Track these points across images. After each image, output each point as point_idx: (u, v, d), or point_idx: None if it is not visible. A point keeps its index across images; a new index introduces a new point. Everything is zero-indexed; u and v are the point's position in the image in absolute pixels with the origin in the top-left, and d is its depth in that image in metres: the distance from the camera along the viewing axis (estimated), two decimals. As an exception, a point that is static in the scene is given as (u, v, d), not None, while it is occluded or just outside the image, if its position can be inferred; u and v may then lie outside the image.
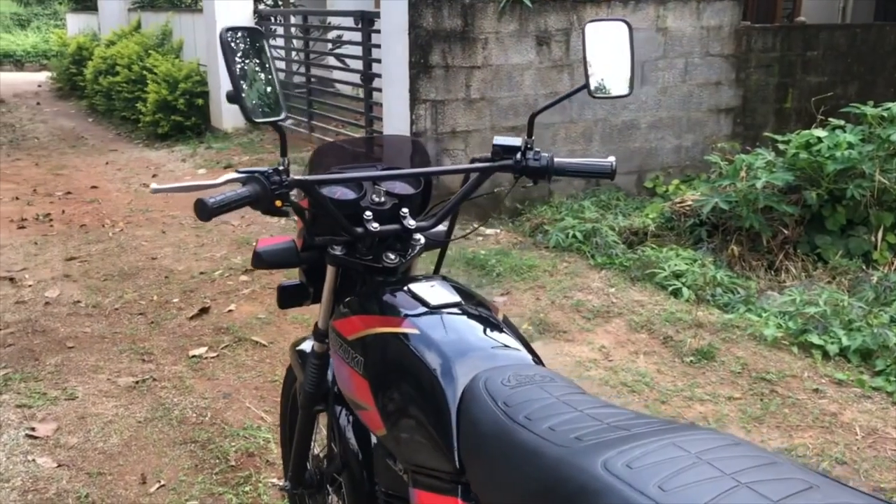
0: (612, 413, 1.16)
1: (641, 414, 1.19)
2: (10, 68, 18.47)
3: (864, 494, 0.89)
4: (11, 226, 5.80)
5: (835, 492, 0.89)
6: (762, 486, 0.89)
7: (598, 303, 4.22)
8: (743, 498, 0.88)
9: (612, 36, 1.66)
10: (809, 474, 0.93)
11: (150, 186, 1.41)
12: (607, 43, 1.66)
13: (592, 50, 1.67)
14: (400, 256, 1.67)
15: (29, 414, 3.10)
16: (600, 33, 1.66)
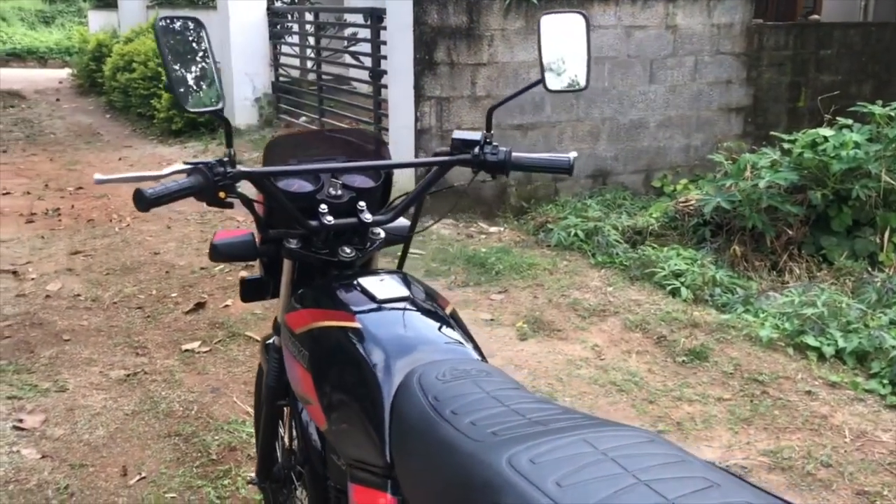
0: (538, 409, 1.15)
1: (571, 410, 1.17)
2: (34, 65, 18.68)
3: (766, 494, 0.87)
4: (20, 220, 5.87)
5: (735, 490, 0.87)
6: (661, 485, 0.88)
7: (595, 302, 4.19)
8: (638, 496, 0.86)
9: (570, 29, 1.64)
10: (717, 473, 0.91)
11: (93, 176, 1.42)
12: (564, 36, 1.64)
13: (549, 43, 1.65)
14: (356, 251, 1.66)
15: (18, 405, 3.13)
16: (557, 26, 1.65)
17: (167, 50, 1.38)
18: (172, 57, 1.40)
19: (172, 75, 1.38)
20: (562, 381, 3.36)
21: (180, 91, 1.39)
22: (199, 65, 1.45)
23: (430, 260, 4.86)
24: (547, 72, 1.71)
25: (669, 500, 0.84)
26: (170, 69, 1.38)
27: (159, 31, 1.38)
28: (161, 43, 1.37)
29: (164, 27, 1.39)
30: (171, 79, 1.38)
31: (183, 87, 1.41)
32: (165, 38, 1.39)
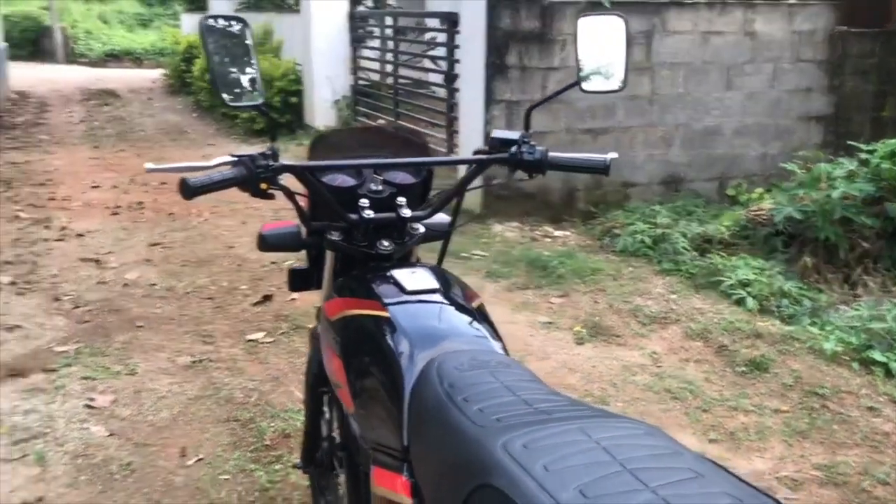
0: (547, 400, 1.18)
1: (580, 403, 1.20)
2: (130, 65, 19.51)
3: (748, 486, 0.88)
4: (106, 212, 6.15)
5: (717, 481, 0.89)
6: (645, 473, 0.90)
7: (657, 309, 4.16)
8: (620, 482, 0.89)
9: (608, 31, 1.66)
10: (705, 466, 0.93)
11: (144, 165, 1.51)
12: (602, 38, 1.66)
13: (586, 45, 1.68)
14: (394, 244, 1.71)
15: (91, 386, 3.30)
16: (595, 28, 1.67)
17: (211, 47, 1.46)
18: (216, 54, 1.48)
19: (215, 71, 1.46)
20: (615, 387, 3.35)
21: (222, 87, 1.47)
22: (241, 62, 1.52)
23: (493, 261, 4.90)
24: (583, 73, 1.72)
25: (650, 487, 0.87)
26: (213, 66, 1.46)
27: (204, 29, 1.46)
28: (206, 41, 1.45)
29: (208, 26, 1.47)
30: (213, 75, 1.46)
31: (225, 82, 1.49)
32: (210, 37, 1.47)
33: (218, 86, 1.46)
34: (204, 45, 1.45)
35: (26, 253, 5.05)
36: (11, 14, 20.57)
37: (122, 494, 2.58)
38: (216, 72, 1.47)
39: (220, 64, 1.49)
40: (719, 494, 0.87)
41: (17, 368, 3.45)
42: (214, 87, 1.46)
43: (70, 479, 2.66)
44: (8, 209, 6.19)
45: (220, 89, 1.48)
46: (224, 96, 1.49)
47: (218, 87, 1.46)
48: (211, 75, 1.46)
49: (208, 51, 1.46)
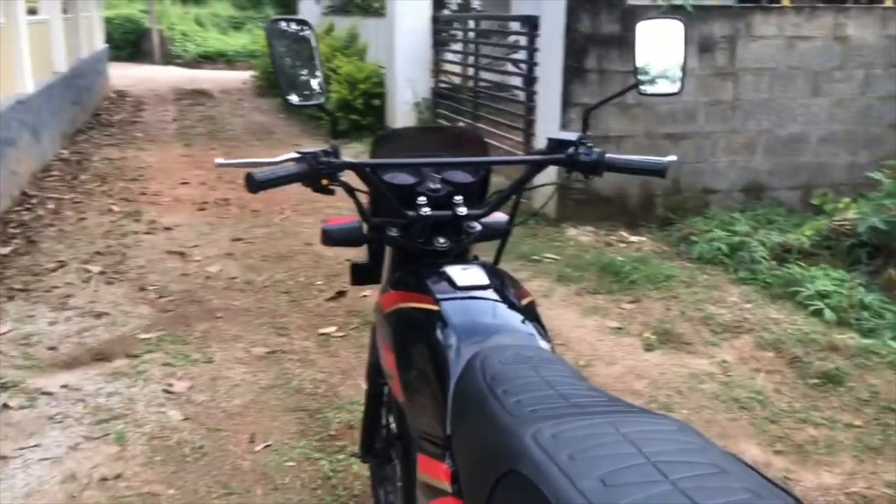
0: (585, 395, 1.20)
1: (618, 400, 1.22)
2: (223, 66, 20.15)
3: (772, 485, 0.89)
4: (193, 207, 6.40)
5: (741, 477, 0.90)
6: (668, 466, 0.92)
7: (730, 317, 4.09)
8: (641, 473, 0.91)
9: (666, 35, 1.66)
10: (731, 462, 0.94)
11: (215, 160, 1.60)
12: (661, 41, 1.67)
13: (644, 48, 1.68)
14: (451, 241, 1.75)
15: (170, 372, 3.45)
16: (654, 32, 1.67)
17: (277, 49, 1.53)
18: (281, 55, 1.56)
19: (280, 72, 1.53)
20: (681, 394, 3.32)
21: (287, 86, 1.54)
22: (304, 62, 1.59)
23: (564, 265, 4.90)
24: (641, 76, 1.73)
25: (669, 479, 0.88)
26: (278, 66, 1.53)
27: (269, 31, 1.54)
28: (271, 42, 1.53)
29: (273, 28, 1.55)
30: (278, 75, 1.53)
31: (289, 82, 1.56)
32: (276, 38, 1.54)
33: (282, 85, 1.54)
34: (270, 47, 1.53)
35: (117, 244, 5.30)
36: (114, 17, 21.53)
37: (193, 476, 2.70)
38: (281, 72, 1.54)
39: (285, 64, 1.56)
40: (739, 489, 0.88)
41: (103, 353, 3.64)
42: (279, 86, 1.54)
43: (146, 458, 2.80)
44: (102, 203, 6.50)
45: (285, 89, 1.55)
46: (288, 96, 1.56)
47: (282, 86, 1.54)
48: (276, 75, 1.53)
49: (274, 52, 1.53)
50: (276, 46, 1.54)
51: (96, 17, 13.69)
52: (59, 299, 4.27)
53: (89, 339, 3.79)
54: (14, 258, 4.92)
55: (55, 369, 3.48)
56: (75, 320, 4.00)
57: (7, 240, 5.29)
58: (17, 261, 4.87)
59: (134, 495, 2.58)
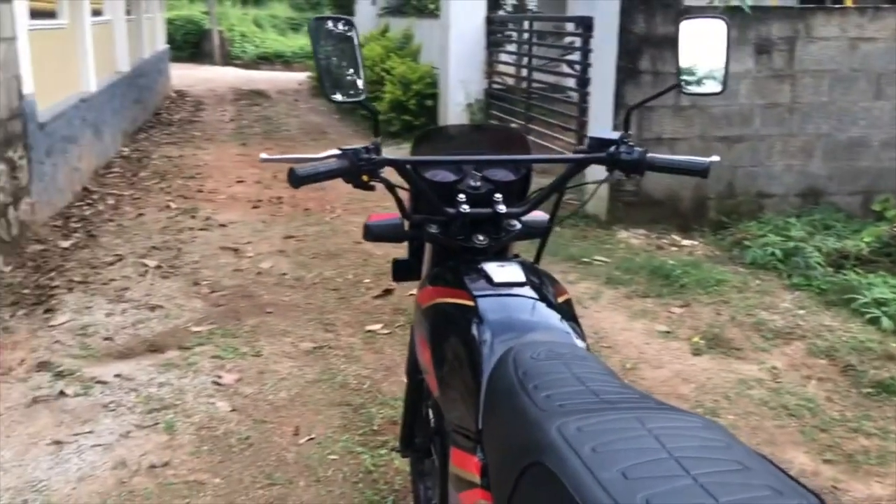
0: (615, 391, 1.20)
1: (648, 396, 1.22)
2: (280, 67, 20.45)
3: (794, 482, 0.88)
4: (248, 205, 6.52)
5: (763, 475, 0.89)
6: (690, 462, 0.91)
7: (782, 324, 4.01)
8: (662, 468, 0.90)
9: (709, 33, 1.65)
10: (756, 460, 0.93)
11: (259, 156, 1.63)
12: (704, 40, 1.65)
13: (687, 47, 1.67)
14: (490, 239, 1.76)
15: (219, 364, 3.53)
16: (697, 30, 1.66)
17: (320, 46, 1.56)
18: (324, 53, 1.59)
19: (323, 69, 1.56)
20: (728, 399, 3.27)
21: (327, 82, 1.57)
22: (346, 60, 1.62)
23: (614, 268, 4.86)
24: (684, 75, 1.72)
25: (691, 474, 0.88)
26: (321, 63, 1.56)
27: (313, 28, 1.57)
28: (314, 39, 1.56)
29: (317, 26, 1.58)
30: (321, 72, 1.56)
31: (330, 79, 1.59)
32: (318, 36, 1.57)
33: (325, 82, 1.57)
34: (313, 44, 1.56)
35: (173, 240, 5.43)
36: (175, 18, 22.02)
37: (239, 466, 2.75)
38: (323, 69, 1.57)
39: (328, 62, 1.59)
40: (760, 487, 0.87)
41: (156, 344, 3.73)
42: (321, 83, 1.57)
43: (194, 448, 2.86)
44: (160, 199, 6.66)
45: (327, 86, 1.58)
46: (330, 92, 1.59)
47: (325, 83, 1.57)
48: (318, 72, 1.56)
49: (317, 49, 1.56)
50: (319, 44, 1.57)
51: (159, 18, 14.03)
52: (116, 292, 4.39)
53: (143, 331, 3.89)
54: (74, 251, 5.07)
55: (110, 359, 3.58)
56: (131, 312, 4.11)
57: (68, 234, 5.45)
58: (77, 254, 5.02)
59: (181, 483, 2.65)
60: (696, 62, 1.70)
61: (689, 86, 1.74)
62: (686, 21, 1.68)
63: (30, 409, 3.10)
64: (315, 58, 1.57)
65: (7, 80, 4.87)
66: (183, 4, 24.70)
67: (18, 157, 5.01)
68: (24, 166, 5.10)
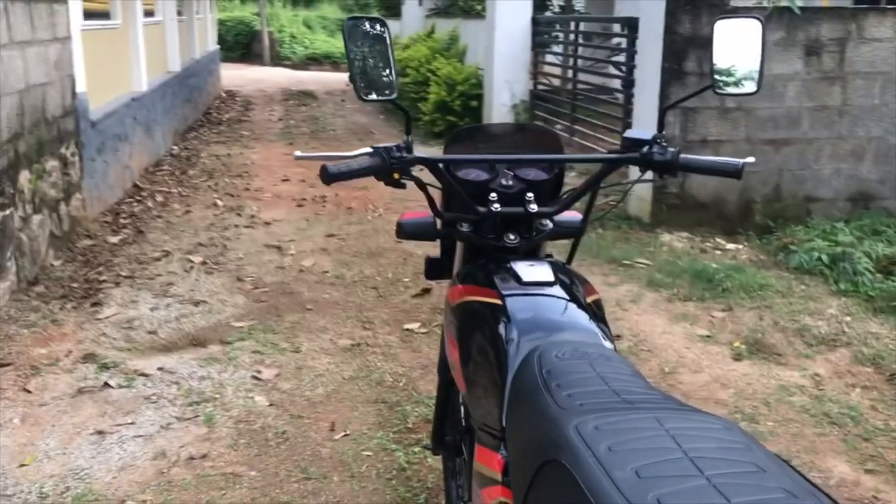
0: (638, 392, 1.19)
1: (670, 397, 1.21)
2: (328, 68, 20.65)
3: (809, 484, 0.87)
4: (292, 204, 6.60)
5: (778, 477, 0.88)
6: (705, 462, 0.91)
7: (827, 330, 3.93)
8: (676, 467, 0.90)
9: (744, 33, 1.63)
10: (772, 463, 0.92)
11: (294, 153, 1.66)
12: (738, 40, 1.63)
13: (721, 47, 1.65)
14: (521, 238, 1.76)
15: (259, 359, 3.58)
16: (731, 30, 1.64)
17: (353, 45, 1.58)
18: (357, 52, 1.61)
19: (355, 67, 1.58)
20: (768, 405, 3.22)
21: (360, 81, 1.59)
22: (379, 59, 1.64)
23: (656, 271, 4.81)
24: (718, 75, 1.70)
25: (705, 474, 0.88)
26: (353, 62, 1.58)
27: (346, 28, 1.59)
28: (348, 39, 1.58)
29: (351, 25, 1.60)
30: (353, 70, 1.58)
31: (362, 77, 1.61)
32: (352, 36, 1.59)
33: (356, 80, 1.59)
34: (346, 43, 1.58)
35: (218, 237, 5.52)
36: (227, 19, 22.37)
37: (275, 459, 2.79)
38: (356, 67, 1.59)
39: (360, 60, 1.61)
40: (774, 489, 0.86)
41: (198, 339, 3.80)
42: (353, 82, 1.59)
43: (231, 440, 2.91)
44: (208, 197, 6.78)
45: (358, 83, 1.60)
46: (362, 92, 1.61)
47: (356, 81, 1.59)
48: (350, 70, 1.58)
49: (349, 48, 1.58)
50: (352, 43, 1.59)
51: (210, 19, 14.27)
52: (161, 287, 4.48)
53: (187, 325, 3.96)
54: (123, 247, 5.19)
55: (153, 352, 3.66)
56: (175, 307, 4.19)
57: (118, 229, 5.58)
58: (125, 249, 5.14)
59: (218, 475, 2.69)
60: (731, 62, 1.68)
61: (724, 86, 1.72)
62: (721, 21, 1.66)
63: (75, 399, 3.19)
64: (348, 57, 1.59)
65: (61, 78, 5.01)
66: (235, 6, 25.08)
67: (71, 153, 5.15)
68: (75, 163, 5.24)
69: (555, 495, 0.96)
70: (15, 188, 4.17)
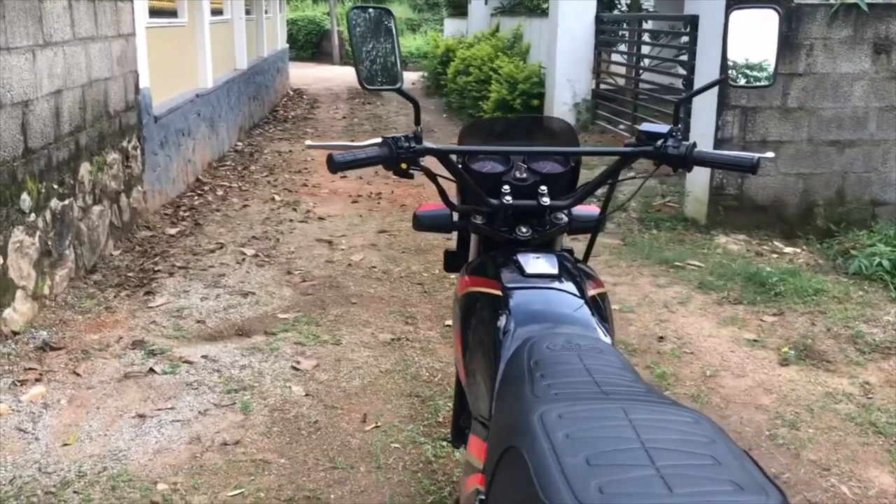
0: (621, 384, 1.17)
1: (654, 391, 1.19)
2: (396, 67, 20.79)
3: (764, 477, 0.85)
4: (347, 200, 6.68)
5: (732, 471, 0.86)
6: (661, 453, 0.89)
7: (882, 337, 3.80)
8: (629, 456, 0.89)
9: (760, 24, 1.58)
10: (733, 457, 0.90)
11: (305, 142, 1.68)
12: (754, 31, 1.59)
13: (737, 38, 1.61)
14: (534, 231, 1.75)
15: (300, 350, 3.64)
16: (747, 21, 1.60)
17: (358, 35, 1.59)
18: (361, 41, 1.62)
19: (359, 57, 1.59)
20: (811, 412, 3.12)
21: (363, 71, 1.60)
22: (383, 49, 1.64)
23: (708, 273, 4.71)
24: (734, 67, 1.66)
25: (655, 465, 0.86)
26: (357, 52, 1.59)
27: (351, 18, 1.60)
28: (352, 28, 1.59)
29: (355, 15, 1.61)
30: (357, 60, 1.59)
31: (366, 67, 1.62)
32: (357, 25, 1.60)
33: (359, 70, 1.60)
34: (351, 33, 1.59)
35: (273, 230, 5.63)
36: (298, 19, 22.74)
37: (304, 448, 2.83)
38: (360, 57, 1.60)
39: (364, 50, 1.62)
40: (723, 481, 0.84)
41: (243, 329, 3.89)
42: (357, 70, 1.60)
43: (265, 428, 2.97)
44: (267, 192, 6.92)
45: (361, 73, 1.61)
46: (364, 79, 1.62)
47: (359, 70, 1.60)
48: (354, 59, 1.59)
49: (354, 37, 1.59)
50: (356, 33, 1.60)
51: (279, 19, 14.54)
52: (213, 278, 4.59)
53: (234, 316, 4.05)
54: (180, 238, 5.34)
55: (199, 341, 3.75)
56: (224, 297, 4.29)
57: (176, 222, 5.74)
58: (182, 241, 5.28)
59: (248, 461, 2.75)
60: (748, 54, 1.64)
61: (739, 79, 1.68)
62: (736, 11, 1.62)
63: (120, 383, 3.29)
64: (352, 46, 1.60)
65: (124, 74, 5.17)
66: (306, 5, 25.48)
67: (132, 147, 5.31)
68: (137, 156, 5.40)
69: (510, 481, 0.95)
70: (75, 179, 4.33)
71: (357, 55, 1.60)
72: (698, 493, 0.83)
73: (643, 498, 0.82)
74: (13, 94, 3.63)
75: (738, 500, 0.82)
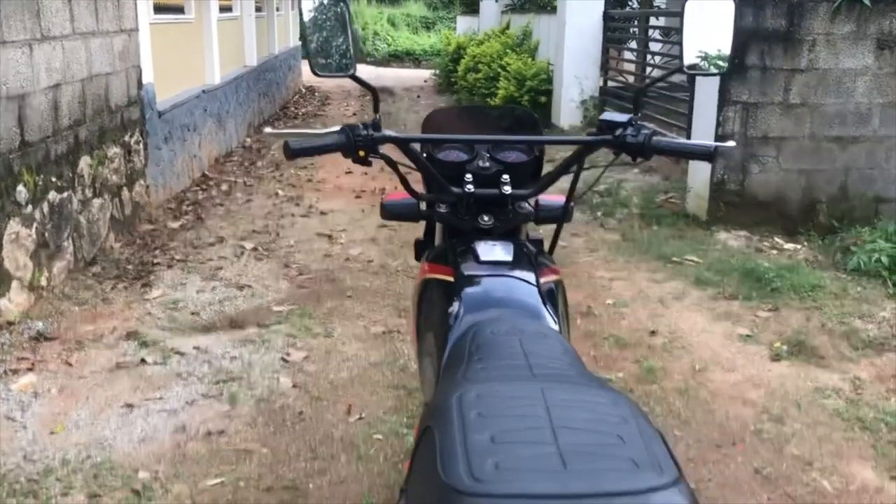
0: (555, 367, 1.18)
1: (588, 373, 1.19)
2: (409, 65, 20.83)
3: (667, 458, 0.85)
4: (351, 195, 6.70)
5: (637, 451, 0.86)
6: (566, 432, 0.89)
7: (876, 333, 3.77)
8: (534, 435, 0.89)
9: (716, 14, 1.58)
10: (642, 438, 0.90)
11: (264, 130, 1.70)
12: (709, 20, 1.59)
13: (692, 27, 1.61)
14: (496, 220, 1.75)
15: (291, 342, 3.66)
16: (703, 10, 1.59)
17: (310, 22, 1.60)
18: (314, 28, 1.63)
19: (311, 43, 1.61)
20: (798, 406, 3.11)
21: (316, 58, 1.61)
22: (337, 36, 1.65)
23: (705, 269, 4.69)
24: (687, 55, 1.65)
25: (558, 443, 0.86)
26: (309, 38, 1.60)
27: (303, 6, 1.61)
28: (304, 16, 1.60)
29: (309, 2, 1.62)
30: (308, 46, 1.60)
31: (319, 54, 1.63)
32: (310, 12, 1.62)
33: (311, 57, 1.61)
34: (302, 20, 1.60)
35: (274, 225, 5.66)
36: (313, 17, 22.74)
37: (287, 438, 2.85)
38: (313, 43, 1.61)
39: (317, 37, 1.63)
40: (623, 459, 0.85)
41: (237, 321, 3.91)
42: (309, 57, 1.61)
43: (250, 418, 2.99)
44: (271, 187, 6.96)
45: (314, 59, 1.62)
46: (316, 64, 1.63)
47: (311, 55, 1.61)
48: (306, 44, 1.61)
49: (306, 25, 1.61)
50: (309, 20, 1.62)
51: (291, 16, 14.57)
52: (210, 271, 4.63)
53: (228, 308, 4.08)
54: (181, 232, 5.38)
55: (193, 332, 3.78)
56: (220, 290, 4.32)
57: (179, 215, 5.78)
58: (182, 234, 5.32)
59: (231, 450, 2.77)
60: (703, 44, 1.63)
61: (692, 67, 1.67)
62: (692, 1, 1.61)
63: (112, 373, 3.33)
64: (303, 30, 1.61)
65: (126, 69, 5.22)
66: (321, 3, 25.47)
67: (135, 142, 5.36)
68: (139, 151, 5.45)
69: (422, 461, 0.96)
70: (74, 172, 4.38)
71: (310, 42, 1.61)
72: (591, 471, 0.83)
73: (535, 474, 0.82)
74: (9, 88, 3.67)
75: (631, 476, 0.82)
